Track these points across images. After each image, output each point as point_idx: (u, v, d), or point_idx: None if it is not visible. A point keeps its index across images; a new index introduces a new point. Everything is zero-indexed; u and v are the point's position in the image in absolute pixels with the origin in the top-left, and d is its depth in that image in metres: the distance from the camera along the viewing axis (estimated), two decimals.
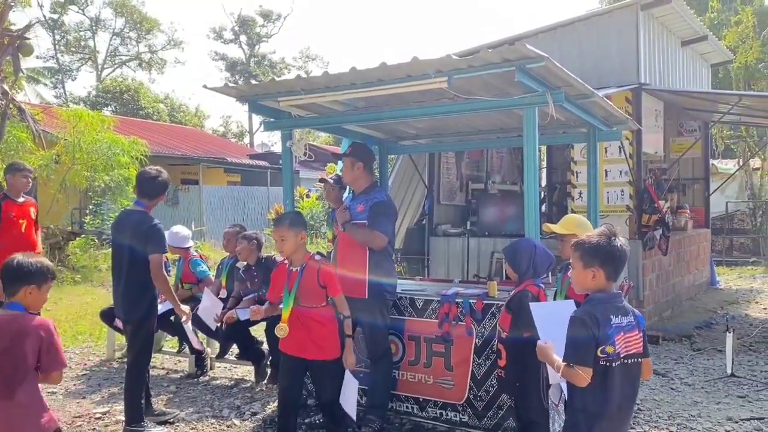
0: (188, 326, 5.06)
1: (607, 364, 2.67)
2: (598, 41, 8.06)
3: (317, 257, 4.13)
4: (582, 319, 2.71)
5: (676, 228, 9.51)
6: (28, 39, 7.62)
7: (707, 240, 11.17)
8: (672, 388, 5.66)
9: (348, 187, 5.37)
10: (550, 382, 3.10)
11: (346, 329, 4.10)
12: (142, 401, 4.65)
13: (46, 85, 32.30)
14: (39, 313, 3.06)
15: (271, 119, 5.29)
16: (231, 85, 4.80)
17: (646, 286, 7.80)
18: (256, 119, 43.60)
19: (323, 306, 4.08)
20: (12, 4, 7.63)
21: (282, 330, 3.99)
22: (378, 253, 4.56)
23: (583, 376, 2.64)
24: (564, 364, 2.70)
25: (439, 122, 5.81)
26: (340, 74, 4.38)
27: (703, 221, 11.09)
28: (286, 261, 4.19)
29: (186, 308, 4.88)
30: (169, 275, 6.55)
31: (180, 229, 6.53)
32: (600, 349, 2.65)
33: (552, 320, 2.92)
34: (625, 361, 2.71)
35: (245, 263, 5.95)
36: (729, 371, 5.86)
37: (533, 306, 3.25)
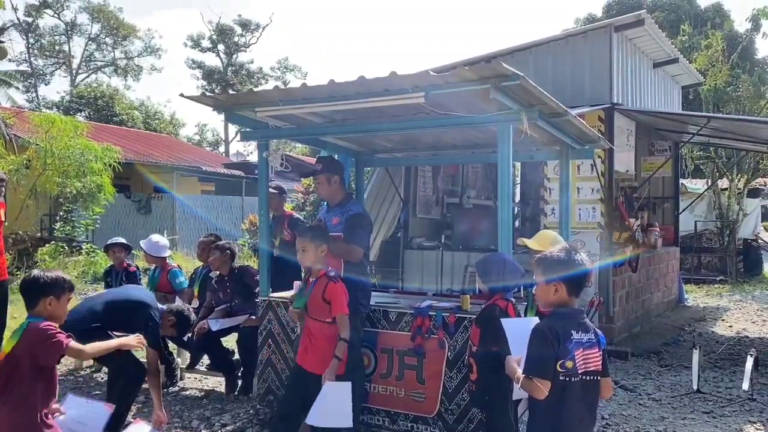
0: None
1: (566, 379, 2.72)
2: (573, 61, 8.21)
3: (331, 273, 4.18)
4: (542, 332, 2.76)
5: (645, 245, 9.67)
6: (3, 42, 7.50)
7: (676, 258, 11.38)
8: (640, 404, 5.74)
9: (319, 200, 5.42)
10: (514, 397, 3.14)
11: (338, 350, 4.05)
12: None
13: (18, 88, 31.86)
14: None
15: (248, 129, 5.29)
16: (208, 94, 4.79)
17: (616, 302, 7.92)
18: (232, 129, 43.33)
19: (329, 322, 4.10)
20: None
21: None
22: (353, 265, 4.58)
23: (541, 388, 2.69)
24: (523, 376, 2.75)
25: (414, 136, 5.86)
26: (319, 86, 4.41)
27: (673, 239, 11.30)
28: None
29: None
30: (139, 283, 6.53)
31: (159, 238, 6.50)
32: (559, 363, 2.70)
33: (522, 335, 2.96)
34: (584, 377, 2.76)
35: (218, 273, 5.92)
36: (695, 387, 5.97)
37: (504, 322, 3.30)
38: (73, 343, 3.11)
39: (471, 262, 8.30)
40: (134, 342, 3.55)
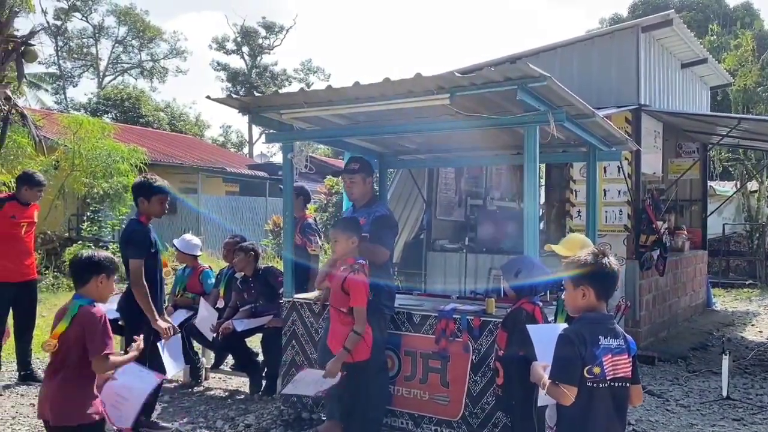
0: (163, 344, 4.62)
1: (594, 385, 2.68)
2: (599, 62, 8.11)
3: (355, 265, 4.23)
4: (569, 337, 2.73)
5: (673, 249, 9.53)
6: (33, 45, 7.64)
7: (704, 261, 11.19)
8: (667, 410, 5.65)
9: (346, 200, 5.43)
10: (539, 403, 3.10)
11: (348, 341, 4.14)
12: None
13: (47, 90, 32.42)
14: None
15: (273, 131, 5.31)
16: (234, 96, 4.81)
17: (643, 306, 7.80)
18: (256, 130, 43.78)
19: (346, 312, 4.21)
20: (17, 11, 7.64)
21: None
22: (377, 267, 4.57)
23: (568, 394, 2.65)
24: (549, 381, 2.71)
25: (438, 138, 5.84)
26: (343, 88, 4.41)
27: (700, 243, 11.12)
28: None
29: (165, 325, 4.51)
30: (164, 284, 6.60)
31: (191, 237, 6.64)
32: (586, 369, 2.66)
33: (549, 341, 2.93)
34: (612, 384, 2.71)
35: (242, 274, 5.95)
36: (725, 394, 5.86)
37: (530, 328, 3.27)
38: (112, 358, 3.17)
39: (495, 264, 8.24)
40: (136, 352, 3.53)
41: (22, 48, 7.43)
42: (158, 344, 4.53)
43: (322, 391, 4.23)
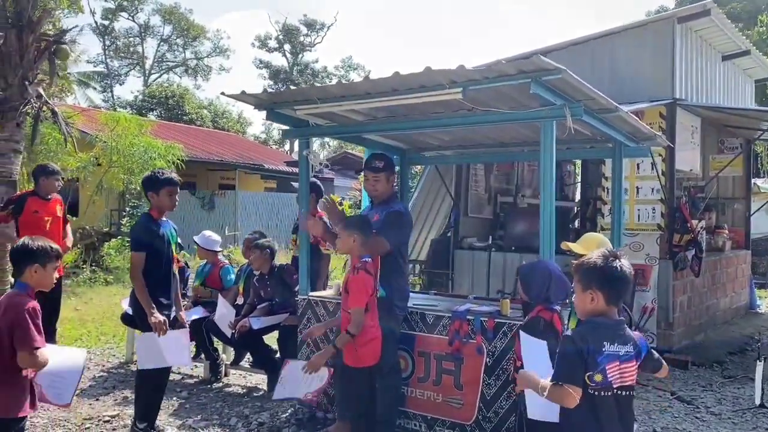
0: (162, 338, 4.44)
1: (598, 393, 2.56)
2: (633, 54, 7.83)
3: (358, 264, 4.20)
4: (571, 339, 2.63)
5: (712, 248, 9.17)
6: (64, 44, 7.76)
7: (747, 262, 10.74)
8: (697, 417, 5.41)
9: (365, 196, 5.37)
10: (529, 416, 2.97)
11: (338, 340, 4.16)
12: (151, 403, 4.60)
13: (95, 89, 33.23)
14: (34, 296, 3.18)
15: (289, 127, 5.27)
16: (249, 93, 4.78)
17: (677, 308, 7.51)
18: None
19: (348, 312, 4.17)
20: (51, 10, 7.78)
21: None
22: (388, 266, 4.48)
23: (573, 395, 2.54)
24: (551, 383, 2.60)
25: (461, 134, 5.72)
26: (354, 84, 4.36)
27: (743, 242, 10.67)
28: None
29: (159, 319, 4.37)
30: (187, 279, 6.65)
31: (211, 234, 6.69)
32: (588, 375, 2.55)
33: (536, 353, 2.84)
34: (618, 392, 2.59)
35: (258, 272, 5.93)
36: (757, 402, 5.58)
37: (522, 335, 3.16)
38: (41, 354, 3.04)
39: (524, 263, 8.06)
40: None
41: (54, 47, 7.53)
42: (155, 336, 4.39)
43: (312, 393, 4.19)
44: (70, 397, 3.38)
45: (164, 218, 4.69)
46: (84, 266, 12.44)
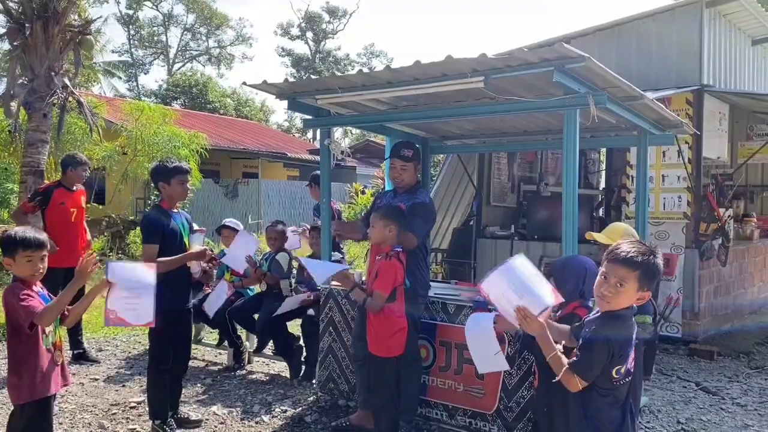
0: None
1: (619, 383, 2.70)
2: (659, 40, 7.68)
3: (391, 252, 4.20)
4: (608, 346, 2.62)
5: (740, 237, 9.01)
6: (89, 34, 7.84)
7: None
8: (722, 408, 5.35)
9: (388, 184, 5.38)
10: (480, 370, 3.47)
11: (355, 293, 4.28)
12: (161, 397, 4.47)
13: (120, 78, 33.57)
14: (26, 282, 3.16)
15: (310, 117, 5.26)
16: (269, 82, 4.78)
17: (703, 298, 7.40)
18: None
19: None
20: (76, 0, 7.85)
21: None
22: (413, 257, 4.47)
23: (578, 386, 2.66)
24: (567, 367, 2.67)
25: (484, 123, 5.68)
26: (376, 72, 4.32)
27: None
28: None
29: (198, 247, 4.51)
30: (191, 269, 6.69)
31: (230, 220, 6.74)
32: (615, 369, 2.63)
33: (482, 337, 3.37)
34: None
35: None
36: None
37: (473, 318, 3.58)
38: (46, 309, 3.07)
39: (547, 252, 8.01)
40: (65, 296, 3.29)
41: (79, 38, 7.61)
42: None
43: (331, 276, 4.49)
44: (151, 314, 3.32)
45: (175, 210, 4.53)
46: (110, 254, 12.62)
